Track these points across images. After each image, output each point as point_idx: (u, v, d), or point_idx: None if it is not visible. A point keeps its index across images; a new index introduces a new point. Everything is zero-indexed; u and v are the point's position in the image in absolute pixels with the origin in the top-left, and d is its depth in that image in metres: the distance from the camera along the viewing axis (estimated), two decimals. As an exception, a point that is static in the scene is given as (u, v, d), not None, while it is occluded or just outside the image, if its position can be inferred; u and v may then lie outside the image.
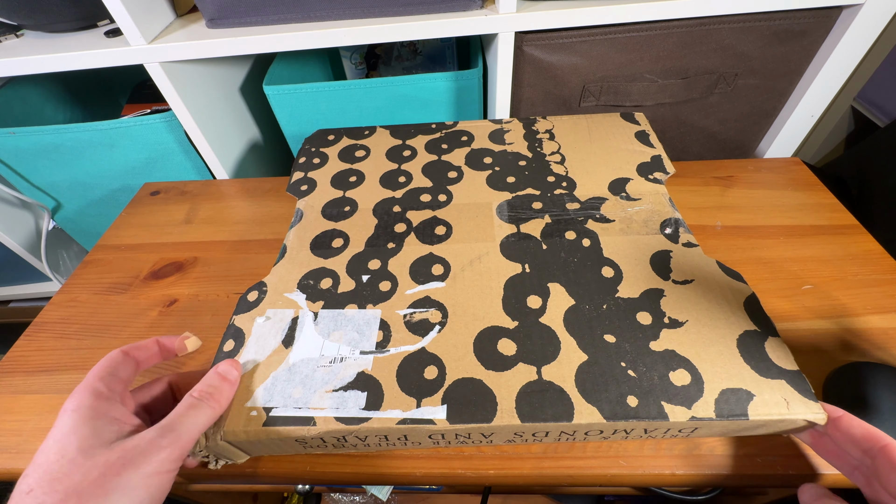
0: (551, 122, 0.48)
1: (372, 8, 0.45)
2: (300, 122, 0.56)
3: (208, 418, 0.25)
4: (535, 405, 0.27)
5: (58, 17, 0.49)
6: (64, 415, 0.21)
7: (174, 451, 0.22)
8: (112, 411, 0.22)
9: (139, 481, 0.20)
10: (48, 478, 0.19)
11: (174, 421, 0.23)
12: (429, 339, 0.31)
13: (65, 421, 0.21)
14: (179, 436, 0.23)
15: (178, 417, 0.23)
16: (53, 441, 0.21)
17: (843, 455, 0.25)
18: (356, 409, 0.27)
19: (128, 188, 0.60)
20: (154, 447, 0.21)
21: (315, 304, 0.33)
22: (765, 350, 0.29)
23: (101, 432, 0.21)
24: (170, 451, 0.22)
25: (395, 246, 0.37)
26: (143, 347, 0.27)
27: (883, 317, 0.36)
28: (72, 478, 0.19)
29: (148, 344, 0.28)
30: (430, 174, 0.43)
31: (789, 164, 0.51)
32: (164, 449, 0.22)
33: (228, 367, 0.28)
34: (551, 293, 0.33)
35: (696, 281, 0.33)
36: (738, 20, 0.45)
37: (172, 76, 0.49)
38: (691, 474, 0.30)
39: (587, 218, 0.38)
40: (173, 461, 0.22)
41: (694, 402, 0.27)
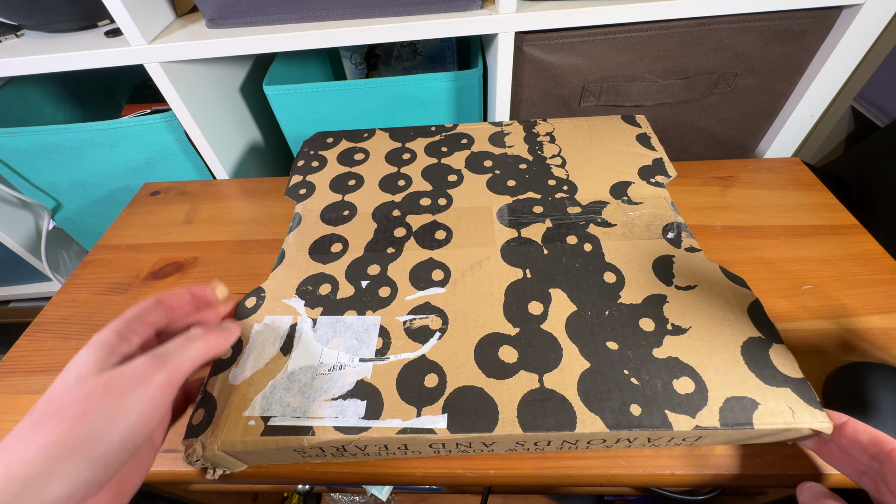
0: (552, 124, 0.48)
1: (372, 8, 0.45)
2: (300, 122, 0.56)
3: (202, 352, 0.25)
4: (537, 414, 0.27)
5: (58, 17, 0.48)
6: (86, 346, 0.23)
7: (161, 377, 0.22)
8: (123, 349, 0.23)
9: (121, 406, 0.21)
10: (46, 401, 0.21)
11: (165, 350, 0.24)
12: (429, 347, 0.30)
13: (82, 351, 0.23)
14: (166, 363, 0.23)
15: (170, 347, 0.24)
16: (67, 368, 0.22)
17: (849, 460, 0.25)
18: (355, 419, 0.27)
19: (128, 188, 0.60)
20: (138, 374, 0.22)
21: (314, 310, 0.33)
22: (769, 357, 0.28)
23: (102, 364, 0.22)
24: (157, 377, 0.22)
25: (395, 251, 0.37)
26: (176, 295, 0.28)
27: (883, 317, 0.36)
28: (62, 400, 0.21)
29: (180, 292, 0.28)
30: (429, 178, 0.43)
31: (789, 164, 0.51)
32: (151, 376, 0.22)
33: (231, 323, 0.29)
34: (553, 299, 0.33)
35: (700, 286, 0.33)
36: (738, 20, 0.45)
37: (172, 76, 0.48)
38: (691, 474, 0.30)
39: (588, 222, 0.38)
40: (160, 388, 0.22)
41: (698, 410, 0.26)
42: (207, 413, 0.28)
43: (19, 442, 0.20)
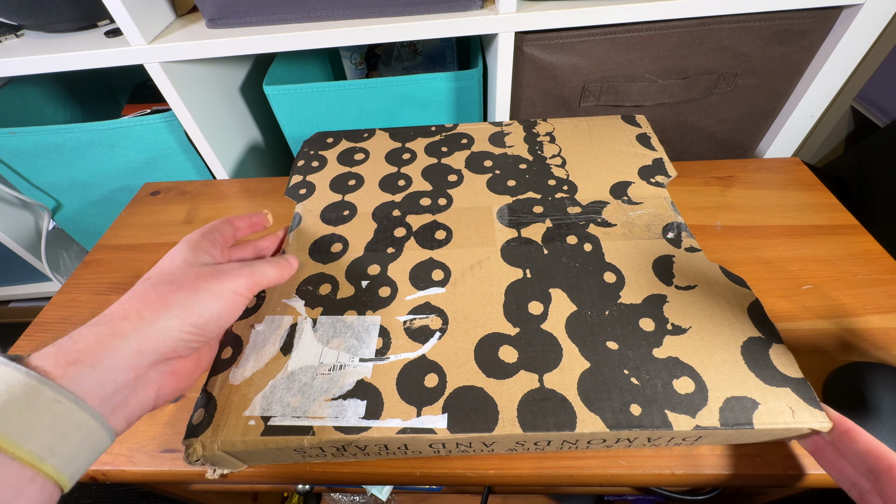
0: (552, 124, 0.48)
1: (372, 8, 0.45)
2: (300, 122, 0.56)
3: (275, 274, 0.31)
4: (537, 414, 0.27)
5: (58, 17, 0.48)
6: (179, 244, 0.29)
7: (249, 281, 0.28)
8: (211, 249, 0.30)
9: (221, 292, 0.27)
10: (160, 274, 0.27)
11: (252, 263, 0.30)
12: (429, 346, 0.30)
13: (179, 245, 0.29)
14: (253, 272, 0.29)
15: (254, 262, 0.30)
16: (169, 256, 0.28)
17: (843, 468, 0.25)
18: (355, 418, 0.27)
19: (128, 188, 0.60)
20: (235, 273, 0.28)
21: (314, 310, 0.33)
22: (769, 357, 0.29)
23: (199, 257, 0.28)
24: (245, 280, 0.28)
25: (395, 251, 0.37)
26: (241, 218, 0.35)
27: (883, 317, 0.36)
28: (175, 275, 0.26)
29: (243, 217, 0.35)
30: (429, 177, 0.43)
31: (789, 164, 0.51)
32: (241, 276, 0.28)
33: (291, 256, 0.35)
34: (553, 299, 0.33)
35: (700, 286, 0.33)
36: (738, 20, 0.45)
37: (172, 76, 0.48)
38: (691, 474, 0.30)
39: (589, 222, 0.38)
40: (247, 288, 0.28)
41: (698, 410, 0.26)
42: (207, 413, 0.28)
43: (144, 295, 0.25)
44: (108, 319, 0.23)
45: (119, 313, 0.24)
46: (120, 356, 0.22)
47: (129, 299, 0.25)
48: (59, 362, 0.21)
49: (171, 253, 0.28)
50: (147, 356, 0.23)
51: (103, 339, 0.22)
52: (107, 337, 0.22)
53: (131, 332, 0.23)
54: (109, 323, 0.23)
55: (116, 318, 0.23)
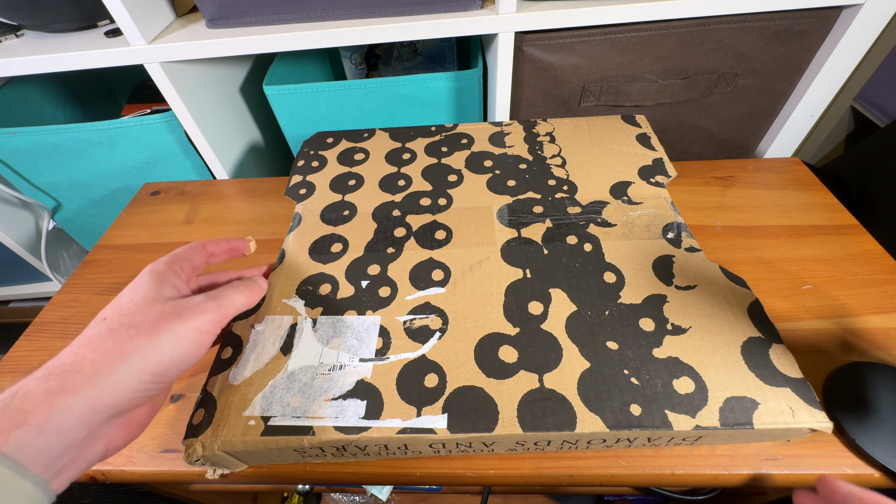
0: (552, 124, 0.48)
1: (372, 8, 0.45)
2: (300, 122, 0.56)
3: (244, 301, 0.29)
4: (537, 414, 0.27)
5: (58, 17, 0.48)
6: (141, 275, 0.27)
7: (215, 315, 0.26)
8: (176, 281, 0.27)
9: (183, 333, 0.25)
10: (117, 314, 0.24)
11: (218, 293, 0.28)
12: (429, 347, 0.30)
13: (141, 277, 0.27)
14: (220, 304, 0.27)
15: (221, 291, 0.28)
16: (129, 290, 0.26)
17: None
18: (355, 418, 0.27)
19: (128, 188, 0.60)
20: (199, 309, 0.26)
21: (314, 310, 0.33)
22: (769, 357, 0.29)
23: (162, 291, 0.26)
24: (211, 315, 0.26)
25: (395, 251, 0.37)
26: (217, 243, 0.32)
27: (883, 317, 0.36)
28: (134, 316, 0.24)
29: (221, 241, 0.33)
30: (429, 177, 0.43)
31: (789, 164, 0.51)
32: (207, 312, 0.26)
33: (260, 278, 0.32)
34: (553, 299, 0.33)
35: (699, 286, 0.33)
36: (738, 20, 0.45)
37: (172, 76, 0.48)
38: (691, 474, 0.30)
39: (588, 222, 0.38)
40: (214, 324, 0.26)
41: (698, 410, 0.26)
42: (207, 413, 0.28)
43: (99, 343, 0.23)
44: (60, 372, 0.21)
45: (71, 365, 0.22)
46: (71, 416, 0.20)
47: (82, 347, 0.23)
48: (4, 427, 0.19)
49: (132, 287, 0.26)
50: (100, 413, 0.21)
51: (53, 398, 0.20)
52: (57, 395, 0.20)
53: (84, 386, 0.21)
54: (61, 377, 0.21)
55: (68, 370, 0.21)
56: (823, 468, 0.29)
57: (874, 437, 0.29)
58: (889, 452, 0.28)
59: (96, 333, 0.23)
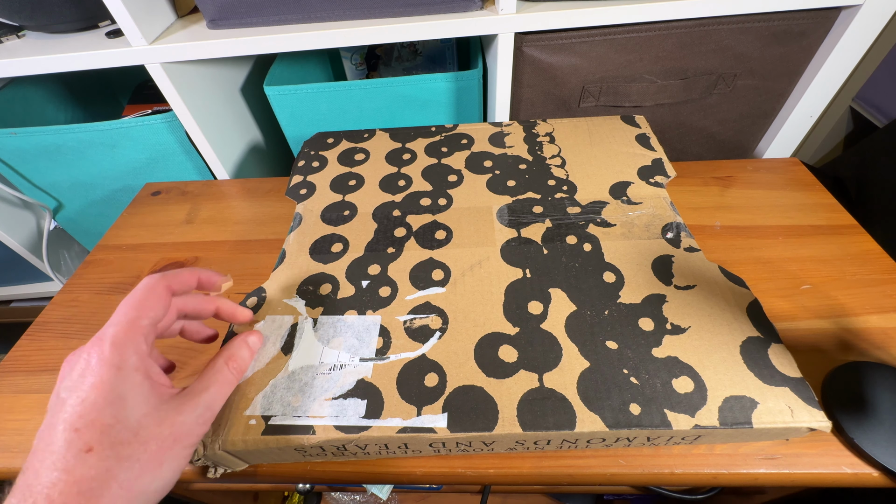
0: (551, 124, 0.48)
1: (372, 9, 0.45)
2: (301, 123, 0.56)
3: (231, 391, 0.26)
4: (537, 413, 0.27)
5: (59, 18, 0.49)
6: (106, 368, 0.21)
7: (210, 421, 0.24)
8: (153, 373, 0.23)
9: (182, 454, 0.22)
10: (108, 440, 0.20)
11: (212, 400, 0.24)
12: (429, 346, 0.31)
13: (111, 379, 0.21)
14: (214, 413, 0.24)
15: (214, 395, 0.24)
16: (104, 400, 0.20)
17: None
18: (356, 418, 0.27)
19: (129, 188, 0.60)
20: (197, 426, 0.23)
21: (314, 310, 0.33)
22: (768, 357, 0.29)
23: (148, 399, 0.22)
24: (207, 428, 0.24)
25: (395, 251, 0.37)
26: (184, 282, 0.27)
27: (882, 316, 0.36)
28: (132, 446, 0.20)
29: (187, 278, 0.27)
30: (429, 178, 0.43)
31: (788, 165, 0.51)
32: (203, 427, 0.24)
33: (257, 340, 0.29)
34: (552, 299, 0.33)
35: (699, 286, 0.33)
36: (738, 21, 0.45)
37: (173, 77, 0.49)
38: (690, 473, 0.30)
39: (588, 222, 0.38)
40: (206, 432, 0.24)
41: (697, 409, 0.27)
42: (209, 412, 0.28)
43: (95, 487, 0.19)
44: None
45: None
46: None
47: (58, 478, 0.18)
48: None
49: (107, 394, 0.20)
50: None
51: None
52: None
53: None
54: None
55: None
56: (822, 467, 0.29)
57: (873, 437, 0.29)
58: (888, 451, 0.28)
59: (84, 474, 0.19)
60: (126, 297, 0.24)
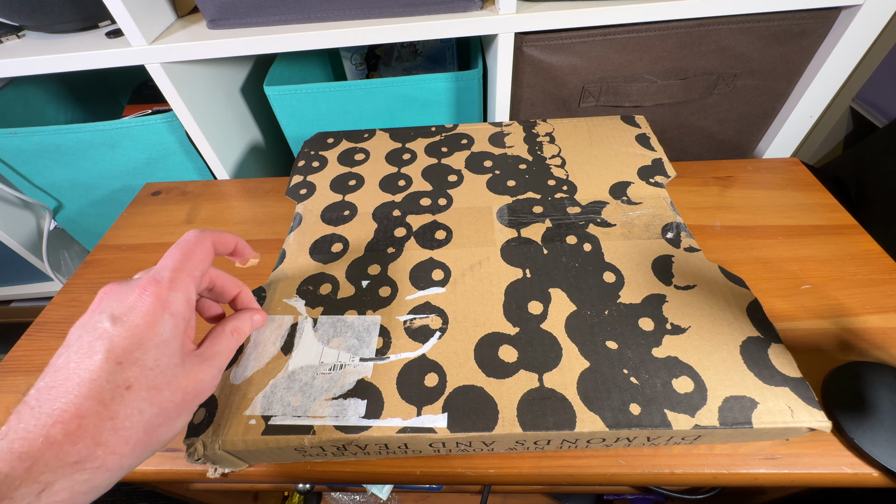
0: (551, 124, 0.48)
1: (372, 9, 0.45)
2: (301, 123, 0.56)
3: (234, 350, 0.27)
4: (537, 413, 0.27)
5: (59, 18, 0.49)
6: (160, 308, 0.21)
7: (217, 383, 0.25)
8: (190, 327, 0.24)
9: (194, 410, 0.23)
10: (146, 383, 0.20)
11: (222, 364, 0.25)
12: (429, 346, 0.31)
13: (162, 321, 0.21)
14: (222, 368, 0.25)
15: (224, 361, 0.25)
16: (151, 342, 0.20)
17: None
18: (356, 418, 0.27)
19: (129, 188, 0.60)
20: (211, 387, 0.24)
21: (314, 309, 0.33)
22: (768, 357, 0.29)
23: (182, 349, 0.22)
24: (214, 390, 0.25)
25: (395, 251, 0.37)
26: (225, 242, 0.27)
27: (881, 316, 0.36)
28: (163, 394, 0.20)
29: (228, 239, 0.27)
30: (429, 178, 0.43)
31: (788, 165, 0.51)
32: (213, 388, 0.24)
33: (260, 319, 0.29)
34: (552, 299, 0.33)
35: (699, 286, 0.33)
36: (738, 21, 0.45)
37: (173, 77, 0.49)
38: (690, 473, 0.30)
39: (588, 222, 0.38)
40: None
41: (697, 409, 0.27)
42: (209, 412, 0.28)
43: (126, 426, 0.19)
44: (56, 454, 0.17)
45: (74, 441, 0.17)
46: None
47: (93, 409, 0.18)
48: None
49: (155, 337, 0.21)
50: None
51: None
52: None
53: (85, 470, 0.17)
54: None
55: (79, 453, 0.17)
56: (822, 467, 0.29)
57: (873, 437, 0.29)
58: (888, 451, 0.28)
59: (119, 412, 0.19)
60: (174, 245, 0.24)
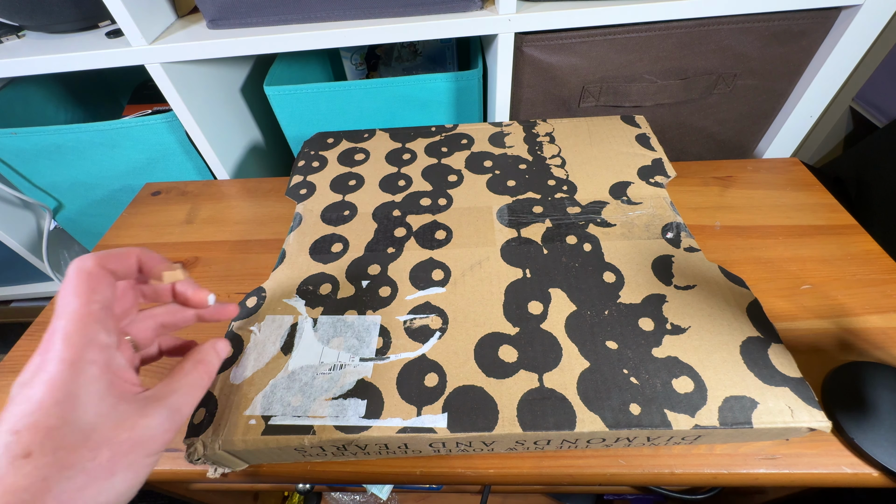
0: (551, 124, 0.48)
1: (372, 9, 0.45)
2: (300, 123, 0.56)
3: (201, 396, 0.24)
4: (537, 413, 0.27)
5: (59, 18, 0.49)
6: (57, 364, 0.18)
7: (175, 429, 0.22)
8: (115, 367, 0.20)
9: (142, 462, 0.20)
10: (50, 445, 0.17)
11: (181, 403, 0.22)
12: (429, 346, 0.31)
13: (62, 376, 0.18)
14: (183, 417, 0.22)
15: (184, 398, 0.22)
16: (52, 399, 0.18)
17: None
18: (356, 418, 0.27)
19: (129, 188, 0.60)
20: (162, 432, 0.20)
21: (314, 309, 0.33)
22: (768, 357, 0.29)
23: (104, 397, 0.19)
24: (173, 434, 0.21)
25: (395, 251, 0.37)
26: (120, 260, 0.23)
27: (881, 316, 0.36)
28: (78, 452, 0.18)
29: (123, 256, 0.23)
30: (429, 178, 0.43)
31: (788, 165, 0.51)
32: (170, 433, 0.21)
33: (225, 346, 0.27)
34: (552, 299, 0.33)
35: (699, 286, 0.33)
36: (738, 21, 0.45)
37: (173, 77, 0.49)
38: (690, 473, 0.30)
39: (588, 222, 0.38)
40: (171, 440, 0.22)
41: (697, 409, 0.27)
42: (208, 412, 0.28)
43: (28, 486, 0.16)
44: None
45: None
46: None
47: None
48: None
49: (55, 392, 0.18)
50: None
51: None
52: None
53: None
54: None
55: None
56: (822, 467, 0.29)
57: (873, 437, 0.29)
58: (888, 451, 0.28)
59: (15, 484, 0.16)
60: (61, 287, 0.21)
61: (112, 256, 0.22)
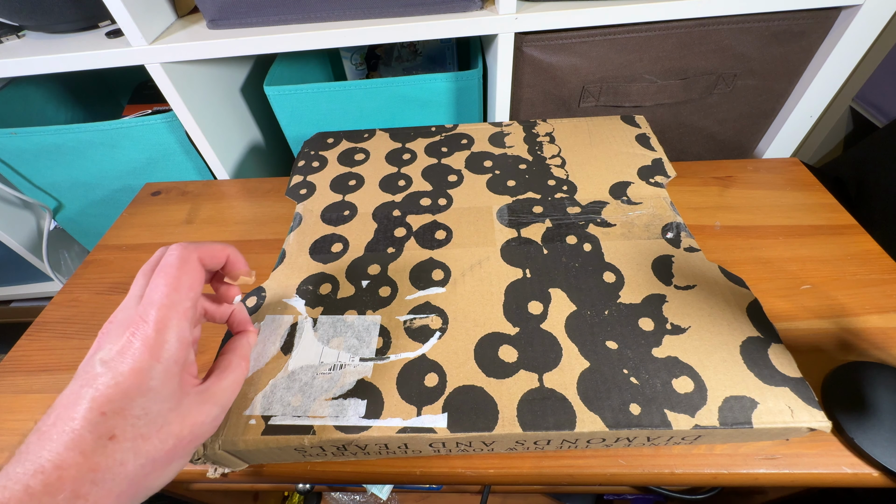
0: (551, 124, 0.48)
1: (372, 9, 0.45)
2: (300, 123, 0.56)
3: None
4: (537, 413, 0.27)
5: (59, 18, 0.49)
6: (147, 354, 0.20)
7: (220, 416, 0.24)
8: (188, 363, 0.22)
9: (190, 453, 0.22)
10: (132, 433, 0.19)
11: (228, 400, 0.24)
12: (429, 346, 0.31)
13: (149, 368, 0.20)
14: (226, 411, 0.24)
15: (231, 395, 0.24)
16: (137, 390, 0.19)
17: None
18: (356, 418, 0.27)
19: (129, 188, 0.60)
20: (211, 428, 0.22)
21: (314, 309, 0.33)
22: (768, 357, 0.29)
23: (175, 393, 0.21)
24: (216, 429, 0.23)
25: (395, 251, 0.37)
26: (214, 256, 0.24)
27: (881, 316, 0.36)
28: (151, 442, 0.19)
29: (217, 252, 0.24)
30: (429, 178, 0.43)
31: (788, 165, 0.51)
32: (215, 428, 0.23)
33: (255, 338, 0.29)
34: (552, 299, 0.33)
35: (699, 286, 0.33)
36: (738, 21, 0.45)
37: (173, 77, 0.49)
38: (690, 473, 0.30)
39: (588, 222, 0.38)
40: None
41: (697, 409, 0.27)
42: (209, 412, 0.28)
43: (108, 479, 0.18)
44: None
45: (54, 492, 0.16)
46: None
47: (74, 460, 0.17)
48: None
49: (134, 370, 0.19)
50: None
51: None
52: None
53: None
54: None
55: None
56: (822, 467, 0.29)
57: (873, 437, 0.29)
58: (888, 451, 0.28)
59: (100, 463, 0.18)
60: (159, 270, 0.21)
61: (210, 252, 0.24)
